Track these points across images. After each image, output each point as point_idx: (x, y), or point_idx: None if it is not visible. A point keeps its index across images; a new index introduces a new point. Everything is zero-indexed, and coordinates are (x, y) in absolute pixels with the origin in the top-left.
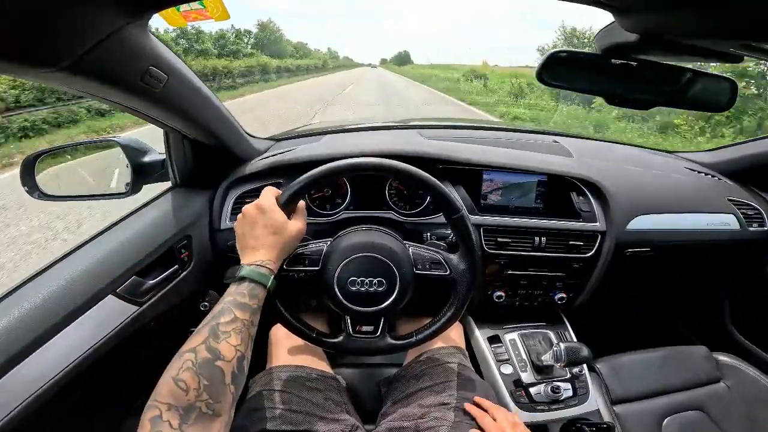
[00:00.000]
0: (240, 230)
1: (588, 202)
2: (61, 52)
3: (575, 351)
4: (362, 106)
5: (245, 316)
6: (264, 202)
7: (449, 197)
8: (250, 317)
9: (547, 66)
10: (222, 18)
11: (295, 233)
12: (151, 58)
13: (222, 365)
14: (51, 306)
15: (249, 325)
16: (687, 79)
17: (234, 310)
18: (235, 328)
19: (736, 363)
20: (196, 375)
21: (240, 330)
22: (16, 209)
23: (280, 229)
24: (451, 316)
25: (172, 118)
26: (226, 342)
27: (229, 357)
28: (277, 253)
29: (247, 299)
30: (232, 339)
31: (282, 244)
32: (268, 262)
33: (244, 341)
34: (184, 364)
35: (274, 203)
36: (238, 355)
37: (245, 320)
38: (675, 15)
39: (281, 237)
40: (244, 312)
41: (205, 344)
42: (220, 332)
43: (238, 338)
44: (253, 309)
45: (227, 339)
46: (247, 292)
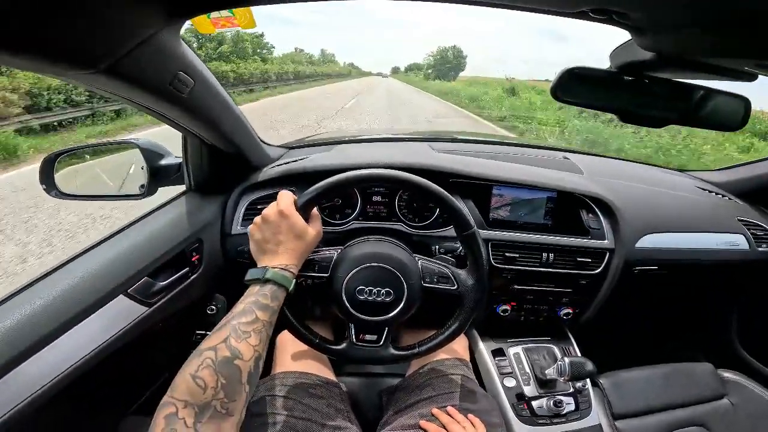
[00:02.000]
0: (259, 234)
1: (597, 220)
2: (103, 54)
3: (580, 365)
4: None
5: (266, 317)
6: (285, 207)
7: (462, 214)
8: (269, 318)
9: (561, 82)
10: (248, 26)
11: (314, 238)
12: (181, 63)
13: (240, 364)
14: (62, 304)
15: (268, 326)
16: (700, 97)
17: (256, 310)
18: (255, 328)
19: (741, 380)
20: (215, 373)
21: (260, 330)
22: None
23: (302, 234)
24: (455, 330)
25: (195, 123)
26: (246, 342)
27: (247, 357)
28: (299, 258)
29: (269, 301)
30: (252, 339)
31: (303, 249)
32: (291, 266)
33: (262, 341)
34: (204, 362)
35: (293, 207)
36: (256, 356)
37: (265, 321)
38: (693, 34)
39: (303, 241)
40: (264, 313)
41: (226, 343)
42: (240, 332)
43: (258, 338)
44: (273, 310)
45: (247, 339)
46: (269, 294)
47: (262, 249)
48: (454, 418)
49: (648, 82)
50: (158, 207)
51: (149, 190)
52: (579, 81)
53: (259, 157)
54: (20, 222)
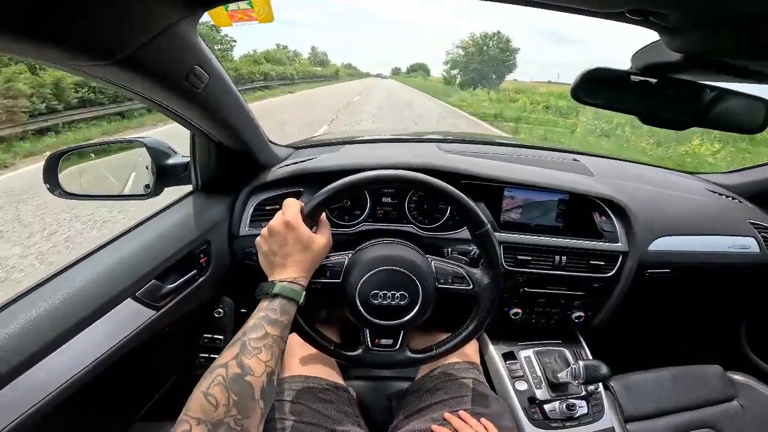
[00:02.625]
0: (266, 247)
1: (610, 222)
2: (117, 46)
3: (594, 369)
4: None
5: (276, 332)
6: (290, 218)
7: (474, 211)
8: (280, 333)
9: (582, 84)
10: (266, 20)
11: (323, 248)
12: (197, 58)
13: (252, 380)
14: (69, 308)
15: (279, 340)
16: (722, 100)
17: (266, 326)
18: (266, 344)
19: (751, 382)
20: (225, 390)
21: (270, 346)
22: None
23: (309, 245)
24: (473, 330)
25: (206, 119)
26: (257, 358)
27: (258, 372)
28: (307, 269)
29: (279, 315)
30: (263, 355)
31: (311, 260)
32: (300, 279)
33: (274, 356)
34: (215, 380)
35: (300, 217)
36: (268, 371)
37: (276, 336)
38: (728, 34)
39: (311, 253)
40: (275, 328)
41: (236, 359)
42: (251, 348)
43: (269, 354)
44: (284, 325)
45: (258, 355)
46: (279, 309)
47: (270, 262)
48: (467, 422)
49: (671, 83)
50: (165, 207)
51: (155, 190)
52: (600, 82)
53: (267, 156)
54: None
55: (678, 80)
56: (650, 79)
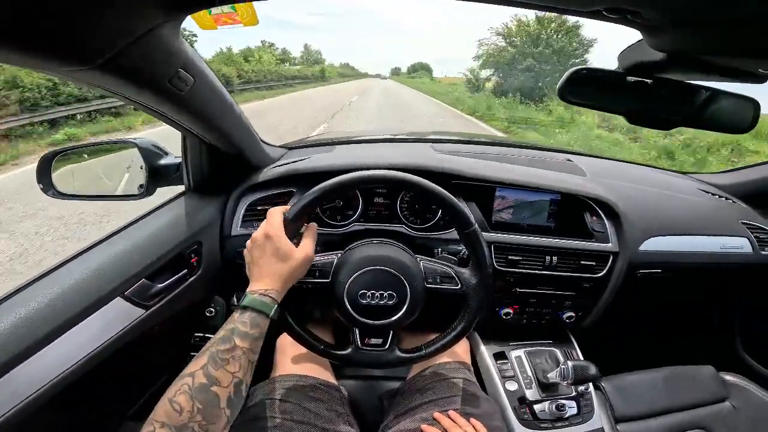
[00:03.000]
0: (248, 257)
1: (601, 222)
2: (98, 50)
3: (583, 369)
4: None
5: (245, 344)
6: (270, 229)
7: (461, 211)
8: (250, 345)
9: (569, 83)
10: (251, 23)
11: (300, 261)
12: (181, 60)
13: (217, 390)
14: (58, 306)
15: (248, 352)
16: (709, 99)
17: (234, 338)
18: (234, 355)
19: (743, 383)
20: (191, 399)
21: (239, 357)
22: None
23: (286, 257)
24: (462, 330)
25: (194, 121)
26: (224, 369)
27: (225, 383)
28: (282, 282)
29: (248, 328)
30: (230, 366)
31: (288, 273)
32: (271, 291)
33: (242, 367)
34: (181, 388)
35: (281, 228)
36: (235, 381)
37: (244, 348)
38: (707, 34)
39: (287, 265)
40: (243, 341)
41: (203, 370)
42: (218, 359)
43: (236, 365)
44: (253, 337)
45: (225, 366)
46: (248, 321)
47: (250, 272)
48: (456, 422)
49: (656, 83)
50: (156, 208)
51: (148, 191)
52: (586, 81)
53: (259, 157)
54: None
55: (664, 80)
56: (636, 79)
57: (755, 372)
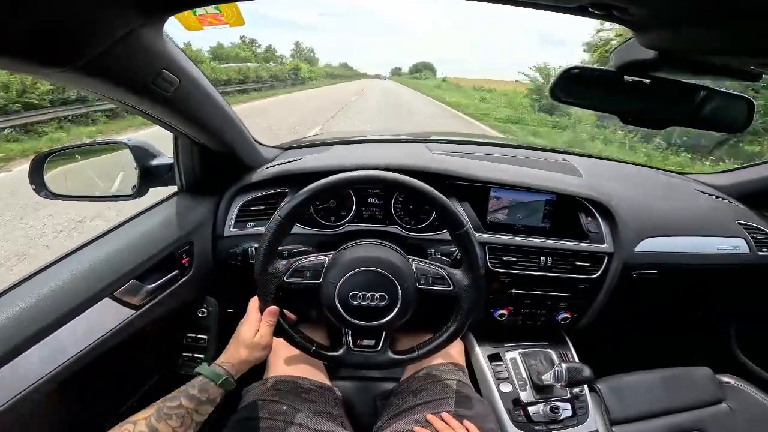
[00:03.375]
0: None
1: (596, 223)
2: (76, 52)
3: (577, 371)
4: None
5: (190, 405)
6: (245, 320)
7: (453, 212)
8: (196, 407)
9: (560, 83)
10: (237, 24)
11: (254, 347)
12: (164, 61)
13: None
14: (46, 306)
15: (193, 412)
16: (703, 98)
17: (182, 398)
18: (177, 413)
19: (740, 384)
20: None
21: (182, 415)
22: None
23: (240, 339)
24: (454, 331)
25: (182, 122)
26: (165, 422)
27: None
28: (238, 360)
29: (196, 391)
30: (173, 421)
31: (245, 355)
32: (225, 364)
33: (185, 424)
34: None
35: (251, 317)
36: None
37: (189, 408)
38: (695, 31)
39: (245, 350)
40: (190, 401)
41: (146, 420)
42: (163, 413)
43: (179, 422)
44: (199, 400)
45: (167, 420)
46: (197, 385)
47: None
48: (449, 424)
49: (650, 82)
50: (148, 208)
51: (140, 191)
52: (579, 81)
53: (252, 157)
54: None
55: (658, 79)
56: (630, 78)
57: (752, 373)
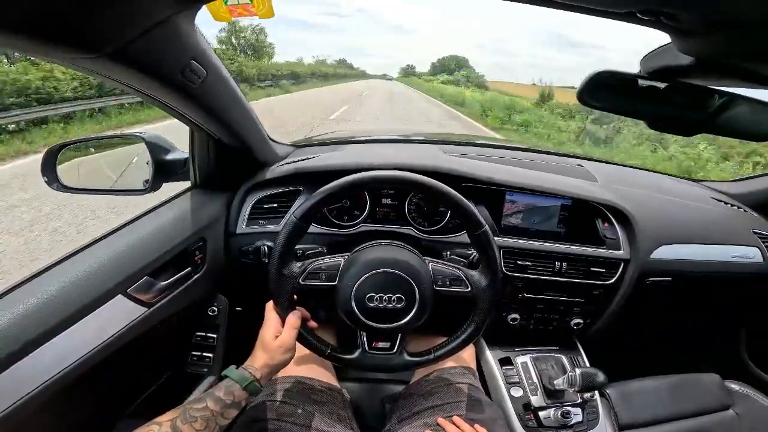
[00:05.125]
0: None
1: (613, 229)
2: (108, 38)
3: (591, 377)
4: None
5: (216, 407)
6: (265, 325)
7: (472, 212)
8: (221, 410)
9: (589, 86)
10: (266, 15)
11: (275, 349)
12: (194, 52)
13: None
14: (58, 303)
15: (218, 416)
16: (734, 105)
17: (208, 400)
18: (203, 415)
19: (747, 391)
20: None
21: (207, 418)
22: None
23: (266, 347)
24: (471, 333)
25: (203, 116)
26: (190, 425)
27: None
28: (263, 364)
29: (222, 394)
30: (197, 424)
31: (268, 359)
32: (251, 368)
33: (209, 427)
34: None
35: (272, 326)
36: None
37: (215, 411)
38: (745, 36)
39: (267, 354)
40: (215, 404)
41: (171, 422)
42: (188, 415)
43: (203, 424)
44: (225, 404)
45: (192, 423)
46: (224, 387)
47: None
48: (460, 428)
49: (681, 88)
50: (162, 203)
51: (153, 186)
52: (607, 85)
53: (267, 154)
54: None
55: (688, 85)
56: (659, 83)
57: (761, 381)
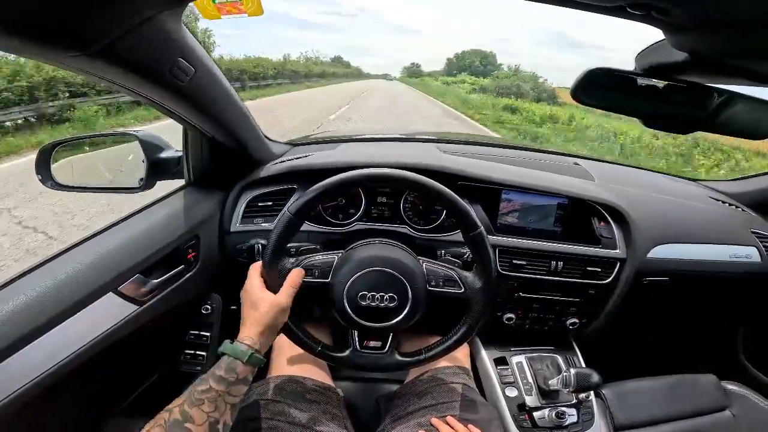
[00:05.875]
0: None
1: (609, 228)
2: (93, 36)
3: (585, 377)
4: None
5: (220, 387)
6: (246, 283)
7: (467, 212)
8: (226, 389)
9: (583, 84)
10: (255, 13)
11: (270, 307)
12: (181, 50)
13: (191, 427)
14: (47, 300)
15: (225, 395)
16: (730, 104)
17: (210, 381)
18: (209, 397)
19: (744, 391)
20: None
21: (214, 399)
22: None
23: (257, 304)
24: (463, 334)
25: (194, 114)
26: (198, 408)
27: (199, 421)
28: (259, 329)
29: (223, 372)
30: (206, 406)
31: (260, 319)
32: (247, 338)
33: (219, 409)
34: (157, 422)
35: (256, 281)
36: (211, 420)
37: (221, 391)
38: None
39: (258, 312)
40: (219, 384)
41: (180, 408)
42: (194, 399)
43: (212, 406)
44: (229, 382)
45: (200, 406)
46: (224, 366)
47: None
48: (454, 427)
49: (677, 85)
50: (155, 201)
51: (147, 184)
52: (602, 82)
53: (261, 152)
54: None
55: (683, 82)
56: (654, 81)
57: (757, 381)
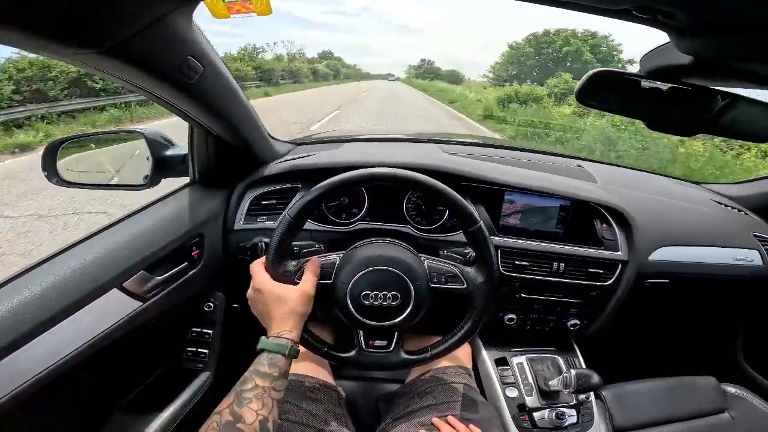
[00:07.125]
0: (254, 310)
1: (611, 230)
2: (106, 35)
3: (586, 378)
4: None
5: (265, 383)
6: (257, 283)
7: (467, 209)
8: (270, 384)
9: (587, 86)
10: (264, 12)
11: (298, 298)
12: (191, 48)
13: (243, 427)
14: (53, 295)
15: (270, 390)
16: (734, 106)
17: (255, 378)
18: (256, 394)
19: (743, 394)
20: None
21: (261, 396)
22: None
23: (283, 300)
24: (468, 331)
25: (201, 112)
26: (248, 407)
27: (250, 420)
28: (292, 321)
29: (267, 368)
30: (254, 404)
31: (291, 312)
32: (284, 332)
33: (266, 406)
34: (211, 425)
35: (265, 277)
36: (260, 419)
37: (266, 387)
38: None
39: (287, 306)
40: (264, 380)
41: (230, 409)
42: (242, 398)
43: (260, 403)
44: (273, 377)
45: (248, 404)
46: (266, 362)
47: (263, 322)
48: (455, 427)
49: (681, 87)
50: (160, 198)
51: (152, 181)
52: (606, 84)
53: (266, 151)
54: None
55: (687, 84)
56: (658, 83)
57: (757, 383)
